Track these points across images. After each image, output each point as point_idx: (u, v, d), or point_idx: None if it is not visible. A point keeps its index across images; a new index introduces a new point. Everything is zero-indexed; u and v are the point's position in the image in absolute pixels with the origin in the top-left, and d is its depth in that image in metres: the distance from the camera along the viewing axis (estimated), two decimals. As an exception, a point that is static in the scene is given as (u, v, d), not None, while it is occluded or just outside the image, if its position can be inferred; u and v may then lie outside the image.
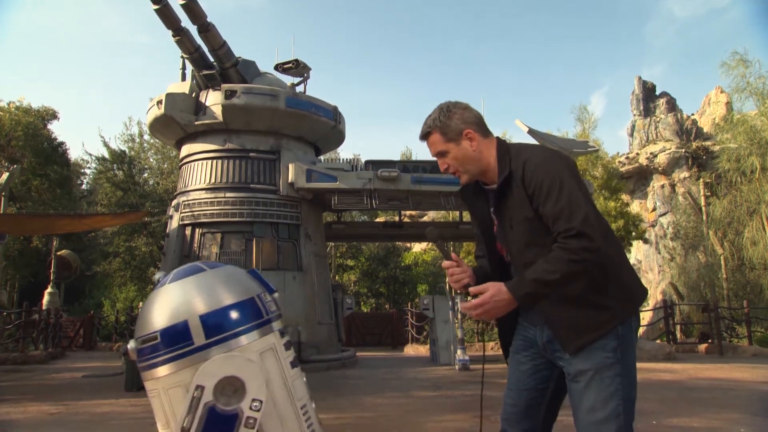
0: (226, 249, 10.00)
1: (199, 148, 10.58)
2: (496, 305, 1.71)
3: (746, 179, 17.22)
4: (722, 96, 28.47)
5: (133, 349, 1.58)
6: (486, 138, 1.91)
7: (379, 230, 14.38)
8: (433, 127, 1.91)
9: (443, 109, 1.91)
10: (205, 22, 9.61)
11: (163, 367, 1.51)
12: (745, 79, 17.88)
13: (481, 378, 2.10)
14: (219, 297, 1.56)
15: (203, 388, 1.42)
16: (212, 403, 1.42)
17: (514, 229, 1.82)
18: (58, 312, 15.08)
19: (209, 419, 1.41)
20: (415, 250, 26.73)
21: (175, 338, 1.50)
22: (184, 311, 1.52)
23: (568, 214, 1.67)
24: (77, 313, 20.76)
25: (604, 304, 1.74)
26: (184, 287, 1.58)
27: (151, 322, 1.54)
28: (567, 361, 1.77)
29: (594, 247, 1.64)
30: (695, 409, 5.44)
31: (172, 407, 1.48)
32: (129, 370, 7.36)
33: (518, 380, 1.94)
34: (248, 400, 1.45)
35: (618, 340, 1.73)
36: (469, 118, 1.89)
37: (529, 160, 1.79)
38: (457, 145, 1.89)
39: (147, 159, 23.79)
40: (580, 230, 1.64)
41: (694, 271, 19.38)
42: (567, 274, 1.65)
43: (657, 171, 24.78)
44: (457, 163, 1.91)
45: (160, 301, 1.58)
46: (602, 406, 1.69)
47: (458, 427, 4.71)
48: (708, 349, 12.97)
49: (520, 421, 1.91)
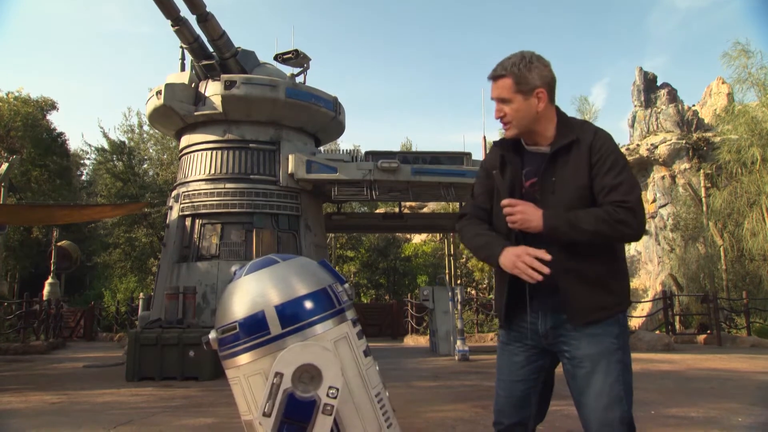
0: (226, 240, 10.01)
1: (199, 138, 10.56)
2: (526, 215, 1.73)
3: (747, 170, 17.19)
4: (723, 87, 28.40)
5: (215, 339, 1.64)
6: (551, 103, 1.89)
7: (379, 221, 14.40)
8: (510, 72, 1.83)
9: (525, 57, 1.85)
10: (204, 11, 9.55)
11: (243, 355, 1.56)
12: (746, 70, 17.80)
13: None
14: (293, 288, 1.61)
15: (282, 375, 1.47)
16: (291, 389, 1.47)
17: (556, 193, 1.80)
18: (58, 302, 15.12)
19: (289, 405, 1.46)
20: (415, 241, 26.75)
21: (253, 328, 1.55)
22: (260, 302, 1.57)
23: (627, 188, 1.73)
24: (78, 304, 20.80)
25: (614, 290, 1.81)
26: (260, 279, 1.63)
27: (231, 313, 1.60)
28: (574, 345, 1.79)
29: (635, 225, 1.71)
30: (693, 399, 5.47)
31: (253, 393, 1.54)
32: (130, 360, 7.40)
33: (510, 371, 1.94)
34: (325, 388, 1.50)
35: (620, 328, 1.80)
36: (547, 77, 1.85)
37: (598, 132, 1.83)
38: (525, 99, 1.83)
39: (146, 150, 23.76)
40: (633, 206, 1.70)
41: (694, 263, 19.39)
42: (600, 233, 1.70)
43: (657, 162, 24.74)
44: (515, 116, 1.85)
45: (237, 293, 1.63)
46: (609, 390, 1.72)
47: (458, 417, 4.74)
48: (707, 339, 13.01)
49: (514, 412, 1.92)
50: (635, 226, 1.71)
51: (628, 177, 1.75)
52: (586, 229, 1.69)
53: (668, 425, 4.29)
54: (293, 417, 1.45)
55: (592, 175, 1.77)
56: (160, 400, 5.88)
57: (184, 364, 7.35)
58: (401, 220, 13.84)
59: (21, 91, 21.58)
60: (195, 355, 7.35)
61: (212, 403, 5.58)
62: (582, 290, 1.78)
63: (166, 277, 9.92)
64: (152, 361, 7.34)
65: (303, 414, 1.46)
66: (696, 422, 4.44)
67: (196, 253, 10.05)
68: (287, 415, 1.45)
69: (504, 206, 1.79)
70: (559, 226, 1.71)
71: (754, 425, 4.43)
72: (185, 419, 4.78)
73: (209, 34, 9.87)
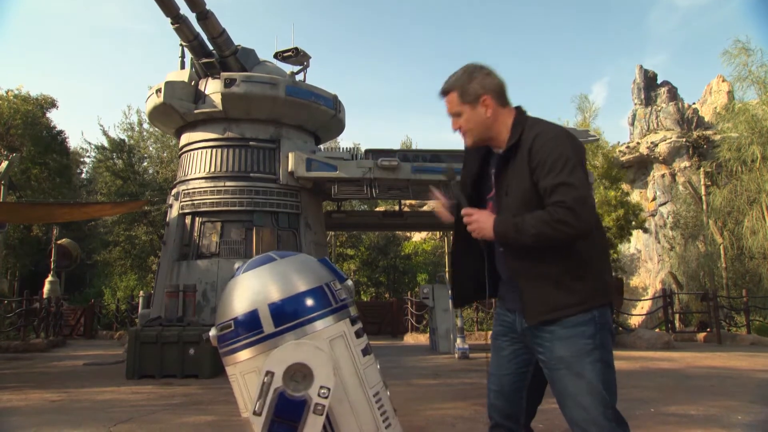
0: (226, 238, 10.01)
1: (199, 136, 10.55)
2: (480, 224, 1.82)
3: (747, 168, 17.18)
4: (724, 85, 28.36)
5: (214, 336, 1.65)
6: (503, 107, 1.93)
7: (379, 219, 14.38)
8: (453, 87, 1.94)
9: (467, 70, 1.93)
10: (204, 9, 9.54)
11: (240, 353, 1.57)
12: (747, 68, 17.79)
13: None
14: (289, 285, 1.61)
15: (273, 374, 1.47)
16: (282, 388, 1.47)
17: (509, 196, 1.85)
18: (58, 300, 15.11)
19: (279, 404, 1.45)
20: (415, 239, 26.75)
21: (248, 326, 1.56)
22: (255, 300, 1.58)
23: (564, 189, 1.71)
24: (78, 302, 20.80)
25: (575, 290, 1.78)
26: (257, 276, 1.63)
27: (228, 311, 1.61)
28: (547, 348, 1.80)
29: (576, 225, 1.69)
30: (693, 397, 5.47)
31: (249, 391, 1.54)
32: (130, 358, 7.40)
33: (499, 365, 1.98)
34: (316, 387, 1.49)
35: (596, 327, 1.78)
36: (489, 84, 1.91)
37: (541, 134, 1.82)
38: (472, 109, 1.91)
39: (146, 148, 23.74)
40: (571, 206, 1.68)
41: (694, 261, 19.41)
42: (542, 235, 1.71)
43: (657, 160, 24.74)
44: (467, 126, 1.94)
45: (235, 291, 1.64)
46: (589, 390, 1.73)
47: (458, 415, 4.75)
48: (707, 337, 13.02)
49: (504, 406, 1.96)
50: (576, 225, 1.68)
51: (567, 177, 1.72)
52: (530, 232, 1.71)
53: (668, 423, 4.29)
54: (284, 416, 1.44)
55: (534, 178, 1.78)
56: (160, 397, 5.88)
57: (184, 362, 7.36)
58: (401, 218, 13.84)
59: (21, 89, 21.56)
60: (195, 353, 7.36)
61: (212, 401, 5.59)
62: (534, 290, 1.80)
63: (166, 275, 9.92)
64: (152, 359, 7.35)
65: (293, 413, 1.45)
66: (696, 420, 4.44)
67: (196, 251, 10.05)
68: (278, 414, 1.44)
69: (463, 216, 1.88)
70: (506, 232, 1.77)
71: (753, 423, 4.43)
72: (185, 417, 4.79)
73: (209, 32, 9.85)
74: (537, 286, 1.80)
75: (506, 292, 1.97)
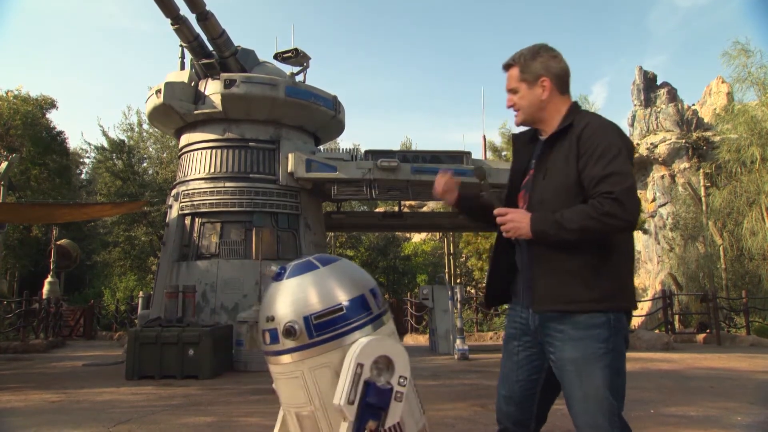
0: (225, 239, 10.01)
1: (199, 137, 10.56)
2: (516, 224, 1.76)
3: (746, 170, 17.18)
4: (723, 86, 28.38)
5: (300, 328, 1.63)
6: (562, 94, 1.90)
7: (379, 220, 14.38)
8: (516, 63, 1.91)
9: (534, 48, 1.91)
10: (204, 10, 9.54)
11: (316, 348, 1.62)
12: (746, 69, 17.76)
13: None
14: (361, 284, 1.75)
15: (363, 366, 1.56)
16: (370, 379, 1.56)
17: (546, 179, 1.81)
18: (58, 301, 15.11)
19: (370, 393, 1.55)
20: (414, 240, 26.77)
21: (356, 311, 1.65)
22: (359, 285, 1.72)
23: (614, 179, 1.67)
24: (77, 303, 20.79)
25: (592, 286, 1.73)
26: (334, 273, 1.74)
27: (332, 296, 1.67)
28: (558, 347, 1.76)
29: (625, 217, 1.65)
30: (693, 398, 5.47)
31: (317, 385, 1.61)
32: (130, 358, 7.40)
33: (511, 371, 1.93)
34: (396, 377, 1.61)
35: (611, 331, 1.73)
36: (552, 67, 1.88)
37: (594, 122, 1.80)
38: (528, 88, 1.88)
39: (146, 148, 23.76)
40: (619, 197, 1.64)
41: (693, 262, 19.40)
42: (587, 230, 1.66)
43: (657, 161, 24.75)
44: (520, 104, 1.91)
45: (313, 286, 1.68)
46: (595, 394, 1.69)
47: (457, 416, 4.75)
48: (706, 338, 13.02)
49: (515, 411, 1.91)
50: (624, 217, 1.64)
51: (618, 167, 1.68)
52: (572, 228, 1.66)
53: (667, 424, 4.29)
54: (375, 404, 1.56)
55: (580, 165, 1.74)
56: (159, 398, 5.88)
57: (183, 362, 7.35)
58: (401, 219, 13.84)
59: (20, 90, 21.57)
60: (194, 354, 7.35)
61: (212, 402, 5.59)
62: (550, 279, 1.76)
63: (165, 276, 9.92)
64: (152, 360, 7.35)
65: (383, 401, 1.57)
66: (695, 421, 4.44)
67: (195, 251, 10.05)
68: (370, 402, 1.54)
69: (495, 216, 1.83)
70: (546, 230, 1.71)
71: (753, 424, 4.43)
72: (185, 418, 4.78)
73: (209, 32, 9.86)
74: (552, 274, 1.75)
75: (521, 286, 1.90)
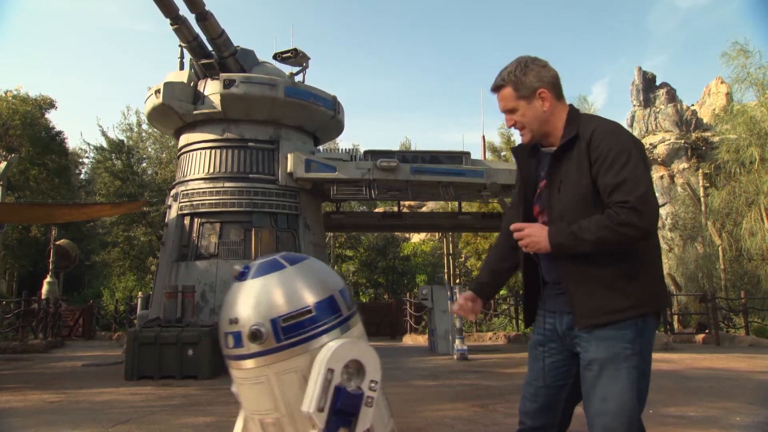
0: (225, 239, 10.01)
1: (198, 137, 10.55)
2: (534, 238, 1.73)
3: (745, 170, 17.19)
4: (722, 86, 28.41)
5: (267, 330, 1.54)
6: (559, 101, 1.86)
7: (378, 220, 14.39)
8: (507, 81, 1.84)
9: (521, 63, 1.85)
10: (203, 10, 9.54)
11: (280, 353, 1.53)
12: (745, 70, 17.76)
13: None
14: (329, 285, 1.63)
15: (334, 371, 1.49)
16: (341, 384, 1.50)
17: (561, 192, 1.77)
18: (57, 301, 15.10)
19: (340, 399, 1.49)
20: (414, 240, 26.76)
21: (325, 313, 1.56)
22: (326, 289, 1.59)
23: (628, 187, 1.63)
24: (76, 303, 20.76)
25: (628, 292, 1.71)
26: (301, 273, 1.61)
27: (296, 300, 1.56)
28: (584, 348, 1.74)
29: (642, 226, 1.62)
30: (692, 399, 5.48)
31: (285, 391, 1.53)
32: (129, 358, 7.39)
33: (536, 377, 1.90)
34: (367, 381, 1.55)
35: (637, 332, 1.71)
36: (545, 76, 1.83)
37: (600, 126, 1.76)
38: (528, 104, 1.83)
39: (145, 148, 23.74)
40: (635, 205, 1.61)
41: (692, 262, 19.42)
42: (603, 240, 1.64)
43: (656, 162, 24.79)
44: (525, 121, 1.85)
45: (277, 288, 1.57)
46: (616, 396, 1.67)
47: (457, 416, 4.75)
48: (705, 339, 13.03)
49: (538, 416, 1.89)
50: (641, 226, 1.61)
51: (630, 173, 1.64)
52: (588, 239, 1.64)
53: (667, 424, 4.29)
54: (345, 410, 1.50)
55: (593, 173, 1.71)
56: (158, 398, 5.88)
57: (182, 362, 7.35)
58: (400, 219, 13.85)
59: (19, 90, 21.56)
60: (194, 354, 7.35)
61: (211, 402, 5.59)
62: (586, 292, 1.73)
63: (164, 276, 9.91)
64: (151, 360, 7.34)
65: (353, 406, 1.51)
66: (694, 421, 4.45)
67: (194, 252, 10.04)
68: (340, 408, 1.49)
69: (513, 231, 1.80)
70: (563, 242, 1.69)
71: (752, 424, 4.44)
72: (184, 418, 4.78)
73: (208, 33, 9.85)
74: (588, 289, 1.72)
75: (548, 295, 1.88)
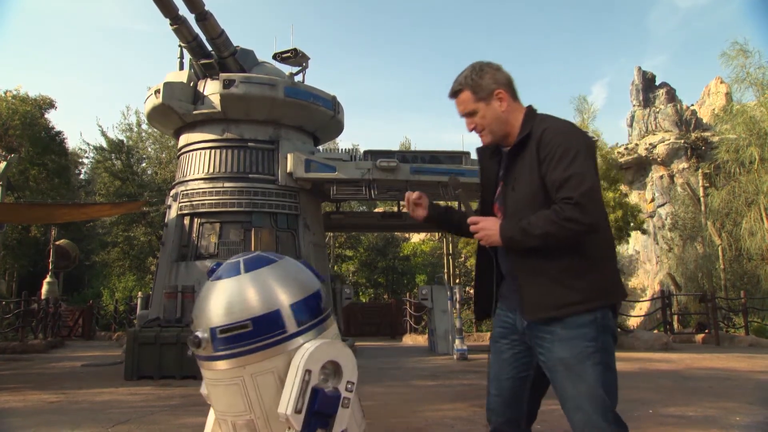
0: (224, 239, 10.01)
1: (198, 137, 10.55)
2: (487, 231, 1.79)
3: (745, 170, 17.20)
4: (722, 86, 28.39)
5: (207, 339, 1.57)
6: (515, 101, 1.91)
7: (378, 220, 14.39)
8: (465, 85, 1.90)
9: (475, 67, 1.91)
10: (203, 10, 9.54)
11: (251, 356, 1.52)
12: (745, 70, 17.78)
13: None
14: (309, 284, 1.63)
15: (311, 372, 1.49)
16: (319, 385, 1.50)
17: (515, 191, 1.83)
18: (57, 301, 15.10)
19: (318, 400, 1.48)
20: (413, 240, 26.76)
21: (266, 327, 1.53)
22: (274, 300, 1.56)
23: (573, 183, 1.68)
24: (76, 303, 20.77)
25: (576, 288, 1.74)
26: (276, 274, 1.61)
27: (241, 310, 1.54)
28: (547, 348, 1.77)
29: (585, 221, 1.67)
30: (691, 399, 5.48)
31: (259, 392, 1.52)
32: (129, 358, 7.39)
33: (499, 369, 1.94)
34: (344, 382, 1.55)
35: (597, 329, 1.74)
36: (501, 78, 1.90)
37: (551, 127, 1.81)
38: (486, 105, 1.88)
39: (145, 148, 23.75)
40: (578, 201, 1.66)
41: (692, 262, 19.44)
42: (549, 235, 1.68)
43: (656, 162, 24.79)
44: (485, 123, 1.90)
45: (251, 289, 1.57)
46: (587, 392, 1.70)
47: (456, 416, 4.75)
48: (705, 339, 13.03)
49: (505, 410, 1.92)
50: (584, 221, 1.66)
51: (576, 169, 1.69)
52: (536, 234, 1.69)
53: (666, 424, 4.29)
54: (322, 411, 1.49)
55: (542, 171, 1.76)
56: (158, 398, 5.87)
57: (182, 362, 7.34)
58: (400, 219, 13.84)
59: (19, 90, 21.56)
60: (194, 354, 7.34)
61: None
62: (535, 287, 1.77)
63: (164, 276, 9.91)
64: (151, 360, 7.34)
65: (330, 407, 1.50)
66: (694, 421, 4.44)
67: (194, 252, 10.04)
68: (318, 410, 1.48)
69: (469, 225, 1.85)
70: (513, 236, 1.74)
71: (752, 424, 4.44)
72: (184, 418, 4.78)
73: (208, 33, 9.85)
74: (536, 282, 1.77)
75: (508, 290, 1.93)
